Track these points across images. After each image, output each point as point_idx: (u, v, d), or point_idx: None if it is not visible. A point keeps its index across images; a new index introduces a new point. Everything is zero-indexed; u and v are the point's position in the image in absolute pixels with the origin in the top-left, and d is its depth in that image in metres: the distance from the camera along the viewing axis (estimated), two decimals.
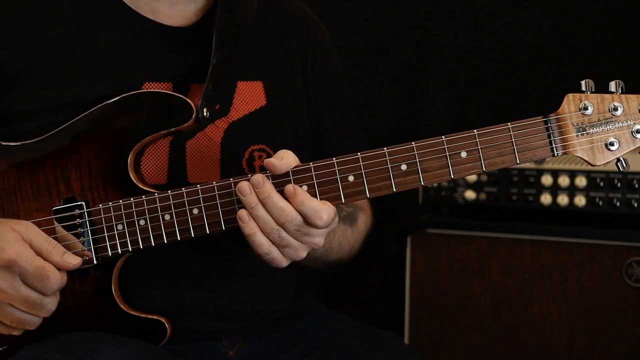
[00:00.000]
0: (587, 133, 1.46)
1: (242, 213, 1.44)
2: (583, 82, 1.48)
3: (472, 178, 2.31)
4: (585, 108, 1.46)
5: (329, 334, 1.73)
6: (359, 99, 2.62)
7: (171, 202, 1.50)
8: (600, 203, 2.22)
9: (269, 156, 1.63)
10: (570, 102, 1.47)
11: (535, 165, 2.27)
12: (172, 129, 1.54)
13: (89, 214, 1.51)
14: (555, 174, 2.25)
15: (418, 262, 2.33)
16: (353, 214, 1.79)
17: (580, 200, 2.23)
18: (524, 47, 2.73)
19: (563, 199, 2.25)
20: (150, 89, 1.60)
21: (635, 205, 2.20)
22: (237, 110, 1.67)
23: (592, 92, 1.47)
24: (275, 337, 1.72)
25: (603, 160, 1.47)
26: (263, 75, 1.71)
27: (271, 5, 1.78)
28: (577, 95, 1.47)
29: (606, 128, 1.46)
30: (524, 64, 2.73)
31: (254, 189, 1.44)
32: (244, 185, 1.44)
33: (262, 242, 1.45)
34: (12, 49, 1.57)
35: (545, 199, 2.26)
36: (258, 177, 1.44)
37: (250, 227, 1.44)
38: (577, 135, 1.46)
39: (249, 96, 1.69)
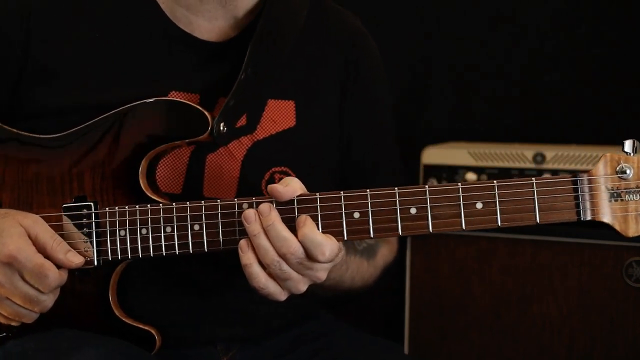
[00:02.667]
0: (621, 200, 1.33)
1: (243, 243, 1.40)
2: (627, 143, 1.34)
3: (472, 177, 2.31)
4: (623, 171, 1.33)
5: (326, 340, 1.71)
6: None
7: (174, 214, 1.48)
8: None
9: None
10: (607, 163, 1.34)
11: (535, 165, 2.27)
12: (187, 140, 1.52)
13: (96, 215, 1.51)
14: (555, 174, 2.25)
15: (418, 262, 2.33)
16: (373, 247, 1.74)
17: None
18: (525, 48, 2.73)
19: None
20: (175, 97, 1.59)
21: None
22: (264, 129, 1.64)
23: (635, 154, 1.33)
24: (272, 343, 1.70)
25: (636, 232, 1.34)
26: (296, 95, 1.67)
27: (319, 18, 1.72)
28: (616, 155, 1.34)
29: None
30: (526, 66, 2.74)
31: (259, 217, 1.39)
32: (250, 212, 1.39)
33: (258, 274, 1.40)
34: (46, 44, 1.58)
35: None
36: (265, 206, 1.39)
37: (247, 258, 1.40)
38: (610, 201, 1.33)
39: (279, 116, 1.65)
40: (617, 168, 1.34)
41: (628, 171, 1.33)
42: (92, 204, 1.51)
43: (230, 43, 1.65)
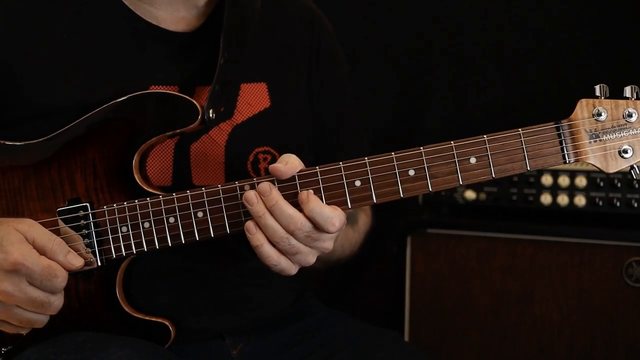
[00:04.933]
0: (600, 140, 1.44)
1: (250, 224, 1.43)
2: (597, 87, 1.45)
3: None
4: (599, 114, 1.44)
5: (331, 332, 1.73)
6: (358, 98, 2.62)
7: (176, 205, 1.48)
8: (600, 203, 2.22)
9: (274, 158, 1.65)
10: (583, 108, 1.45)
11: None
12: (178, 131, 1.53)
13: (94, 215, 1.50)
14: (555, 174, 2.25)
15: (418, 262, 2.33)
16: (354, 214, 1.78)
17: (580, 200, 2.23)
18: (526, 47, 2.73)
19: (563, 199, 2.25)
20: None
21: (635, 205, 2.20)
22: (241, 113, 1.66)
23: (606, 98, 1.45)
24: (278, 335, 1.72)
25: (616, 167, 1.44)
26: (267, 77, 1.70)
27: (275, 3, 1.77)
28: (591, 100, 1.45)
29: (620, 135, 1.44)
30: (526, 65, 2.73)
31: (260, 198, 1.42)
32: (250, 194, 1.43)
33: (270, 254, 1.44)
34: (17, 51, 1.56)
35: (545, 199, 2.26)
36: (265, 185, 1.43)
37: (257, 239, 1.43)
38: (590, 142, 1.44)
39: (253, 98, 1.68)
40: (593, 111, 1.44)
41: (603, 113, 1.44)
42: (87, 204, 1.50)
43: (197, 32, 1.66)
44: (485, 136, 1.45)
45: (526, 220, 2.29)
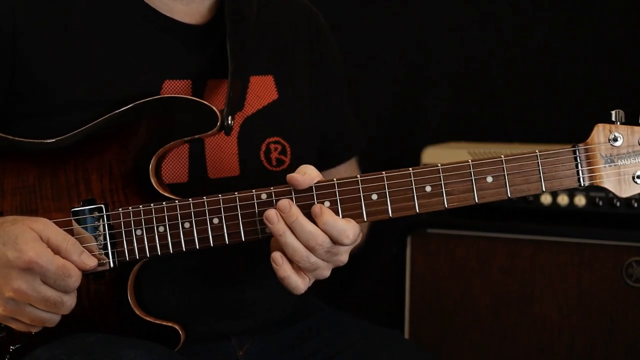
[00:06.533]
0: (615, 164, 1.46)
1: (276, 255, 1.44)
2: (613, 113, 1.47)
3: None
4: (615, 139, 1.46)
5: (335, 332, 1.74)
6: (357, 97, 2.62)
7: (192, 210, 1.48)
8: (600, 203, 2.22)
9: (284, 148, 1.67)
10: (600, 133, 1.47)
11: None
12: (197, 136, 1.53)
13: (108, 217, 1.50)
14: None
15: (418, 262, 2.33)
16: None
17: (580, 200, 2.24)
18: (525, 48, 2.74)
19: (563, 199, 2.25)
20: (170, 87, 1.60)
21: (635, 205, 2.20)
22: (251, 105, 1.68)
23: (622, 123, 1.46)
24: (283, 335, 1.73)
25: (630, 192, 1.47)
26: (273, 69, 1.72)
27: None
28: (607, 125, 1.47)
29: (635, 160, 1.46)
30: (525, 66, 2.74)
31: (280, 215, 1.43)
32: (271, 212, 1.43)
33: (297, 284, 1.45)
34: (33, 46, 1.56)
35: (545, 199, 2.26)
36: (284, 202, 1.43)
37: (284, 270, 1.44)
38: (605, 167, 1.46)
39: (262, 90, 1.69)
40: (610, 136, 1.46)
41: (619, 139, 1.46)
42: (102, 206, 1.50)
43: (209, 25, 1.67)
44: (502, 156, 1.46)
45: (526, 220, 2.29)
